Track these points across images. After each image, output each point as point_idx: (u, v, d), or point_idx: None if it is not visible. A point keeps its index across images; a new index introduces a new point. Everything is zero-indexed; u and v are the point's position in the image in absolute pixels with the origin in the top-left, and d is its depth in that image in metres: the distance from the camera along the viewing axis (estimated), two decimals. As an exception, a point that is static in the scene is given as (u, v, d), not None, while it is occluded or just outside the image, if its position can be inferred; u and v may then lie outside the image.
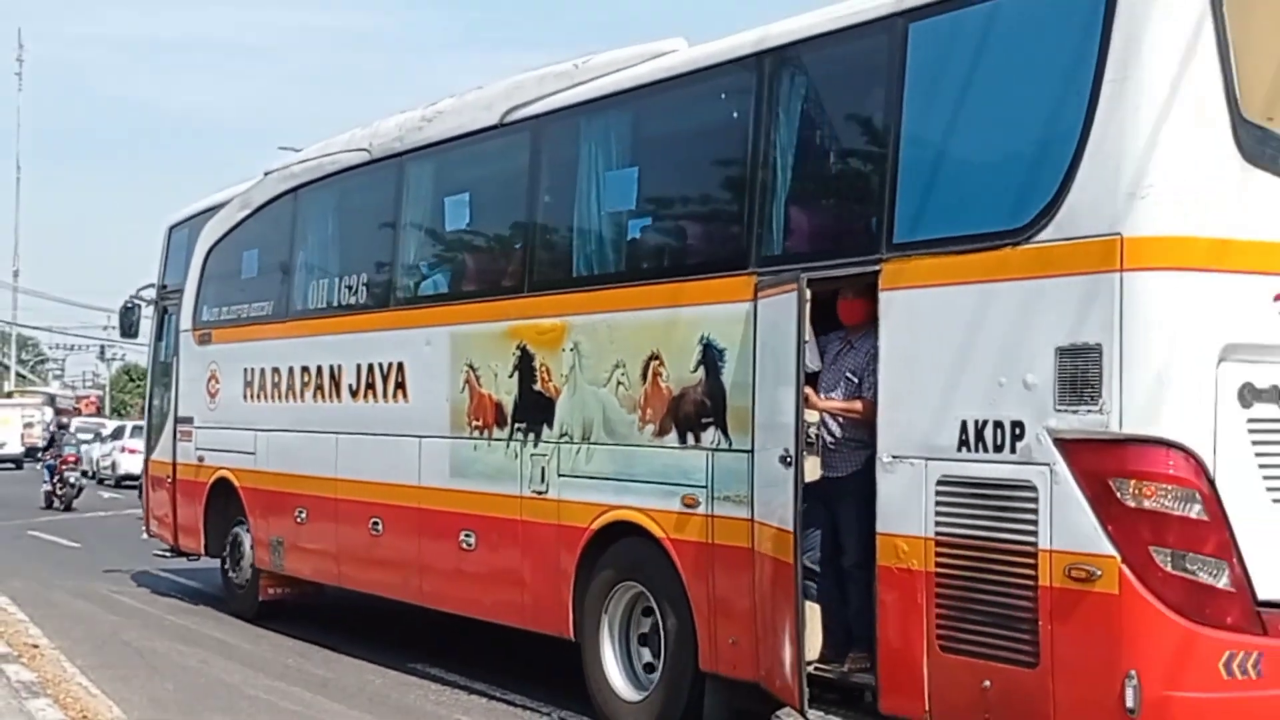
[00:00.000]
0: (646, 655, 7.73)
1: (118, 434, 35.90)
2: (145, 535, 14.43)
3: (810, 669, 6.52)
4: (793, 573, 6.40)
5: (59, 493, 24.97)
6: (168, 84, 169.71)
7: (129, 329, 15.32)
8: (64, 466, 24.97)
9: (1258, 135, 5.38)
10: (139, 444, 19.88)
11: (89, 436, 35.39)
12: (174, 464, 13.36)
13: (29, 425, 44.84)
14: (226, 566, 12.56)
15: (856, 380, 6.60)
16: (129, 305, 15.01)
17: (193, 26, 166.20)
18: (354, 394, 10.39)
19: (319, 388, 10.89)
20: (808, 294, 6.42)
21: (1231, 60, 5.33)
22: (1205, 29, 5.31)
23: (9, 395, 58.08)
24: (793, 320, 6.40)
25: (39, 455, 28.31)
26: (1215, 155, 5.30)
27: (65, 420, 31.87)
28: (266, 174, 12.16)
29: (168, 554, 13.80)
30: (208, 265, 12.89)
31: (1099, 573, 5.35)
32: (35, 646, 10.09)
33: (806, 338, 6.45)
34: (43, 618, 11.49)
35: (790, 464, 6.42)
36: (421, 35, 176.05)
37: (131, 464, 28.35)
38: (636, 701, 7.68)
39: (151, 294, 14.54)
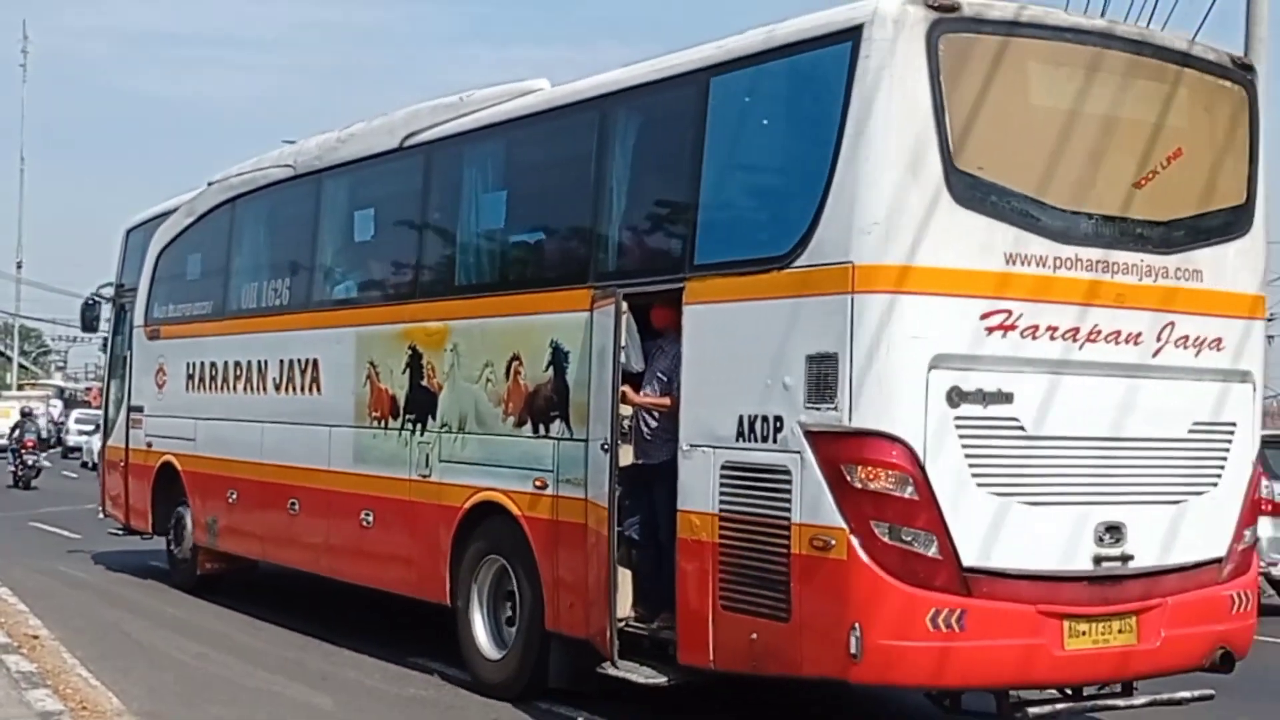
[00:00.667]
0: (504, 617, 8.82)
1: None
2: (101, 515, 15.55)
3: (624, 626, 7.64)
4: (608, 544, 7.53)
5: (19, 473, 28.23)
6: (173, 77, 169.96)
7: (90, 324, 16.45)
8: (24, 450, 28.35)
9: (968, 181, 6.49)
10: None
11: (90, 428, 36.25)
12: (126, 449, 14.46)
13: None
14: (171, 543, 13.67)
15: (666, 380, 7.71)
16: (90, 301, 16.14)
17: (198, 19, 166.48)
18: (277, 387, 11.51)
19: (248, 380, 12.00)
20: (624, 306, 7.55)
21: (947, 121, 6.44)
22: (925, 96, 6.41)
23: (20, 388, 59.23)
24: (609, 329, 7.53)
25: (9, 442, 30.55)
26: (929, 198, 6.40)
27: (29, 409, 34.42)
28: (209, 184, 13.26)
29: (120, 533, 14.89)
30: (158, 266, 13.99)
31: (833, 542, 6.47)
32: (35, 637, 10.06)
33: (624, 343, 7.56)
34: (43, 608, 11.44)
35: (608, 451, 7.55)
36: (426, 30, 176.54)
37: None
38: (498, 659, 8.79)
39: (110, 292, 15.63)
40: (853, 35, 6.53)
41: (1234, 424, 7.30)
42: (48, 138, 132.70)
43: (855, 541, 6.41)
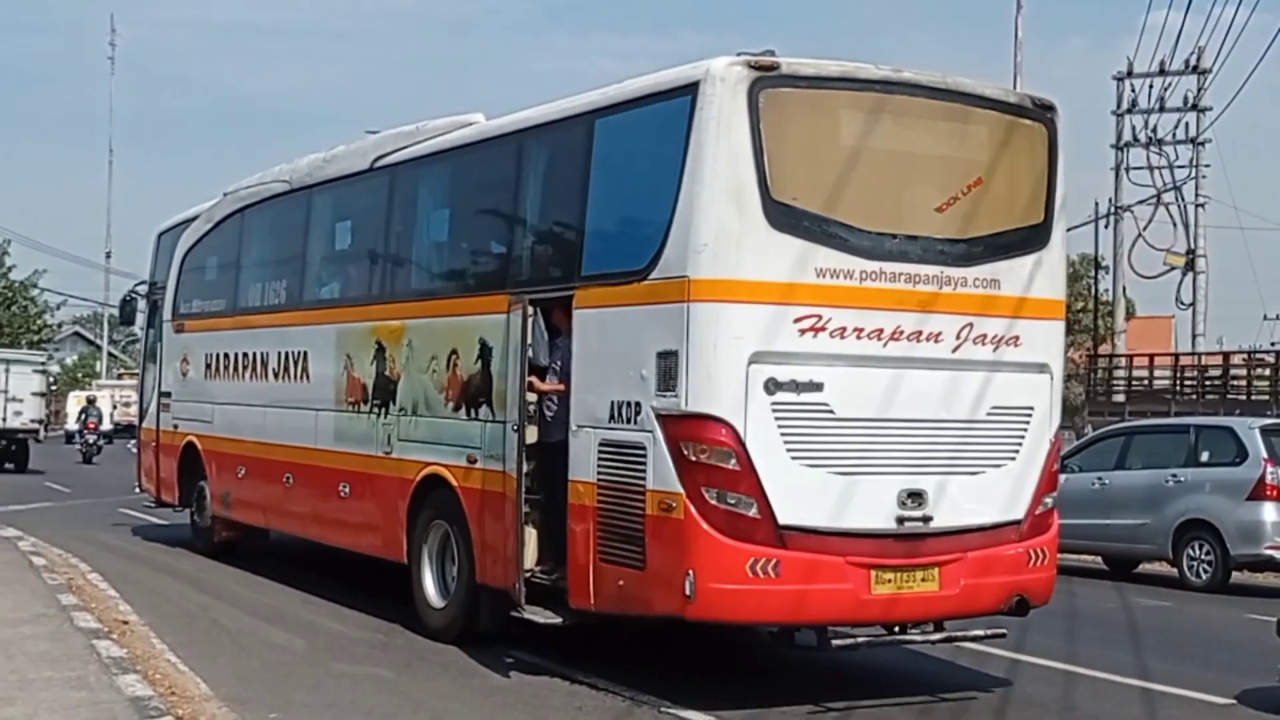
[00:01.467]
0: (450, 573, 10.40)
1: None
2: (137, 490, 17.38)
3: (530, 577, 9.18)
4: (516, 509, 9.08)
5: (84, 450, 35.39)
6: (254, 69, 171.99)
7: (128, 318, 18.31)
8: (88, 431, 35.95)
9: (783, 210, 7.93)
10: None
11: None
12: (157, 431, 16.27)
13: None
14: (194, 514, 15.43)
15: (562, 372, 9.23)
16: (127, 298, 17.98)
17: (280, 11, 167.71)
18: (276, 375, 13.18)
19: (254, 370, 13.70)
20: (531, 310, 9.09)
21: (765, 161, 7.88)
22: (746, 141, 7.85)
23: (119, 377, 62.34)
24: (518, 329, 9.08)
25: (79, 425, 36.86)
26: (749, 225, 7.85)
27: (94, 396, 40.40)
28: (225, 194, 14.97)
29: (153, 505, 16.70)
30: (183, 267, 15.74)
31: (674, 505, 7.96)
32: (125, 623, 10.26)
33: (530, 340, 9.11)
34: (132, 594, 11.73)
35: (517, 430, 9.10)
36: (506, 19, 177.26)
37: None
38: (441, 608, 10.38)
39: (144, 289, 17.44)
40: (691, 90, 8.00)
41: (1031, 408, 8.70)
42: (135, 129, 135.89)
43: (690, 504, 7.89)
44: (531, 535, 9.30)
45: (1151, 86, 26.96)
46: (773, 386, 7.92)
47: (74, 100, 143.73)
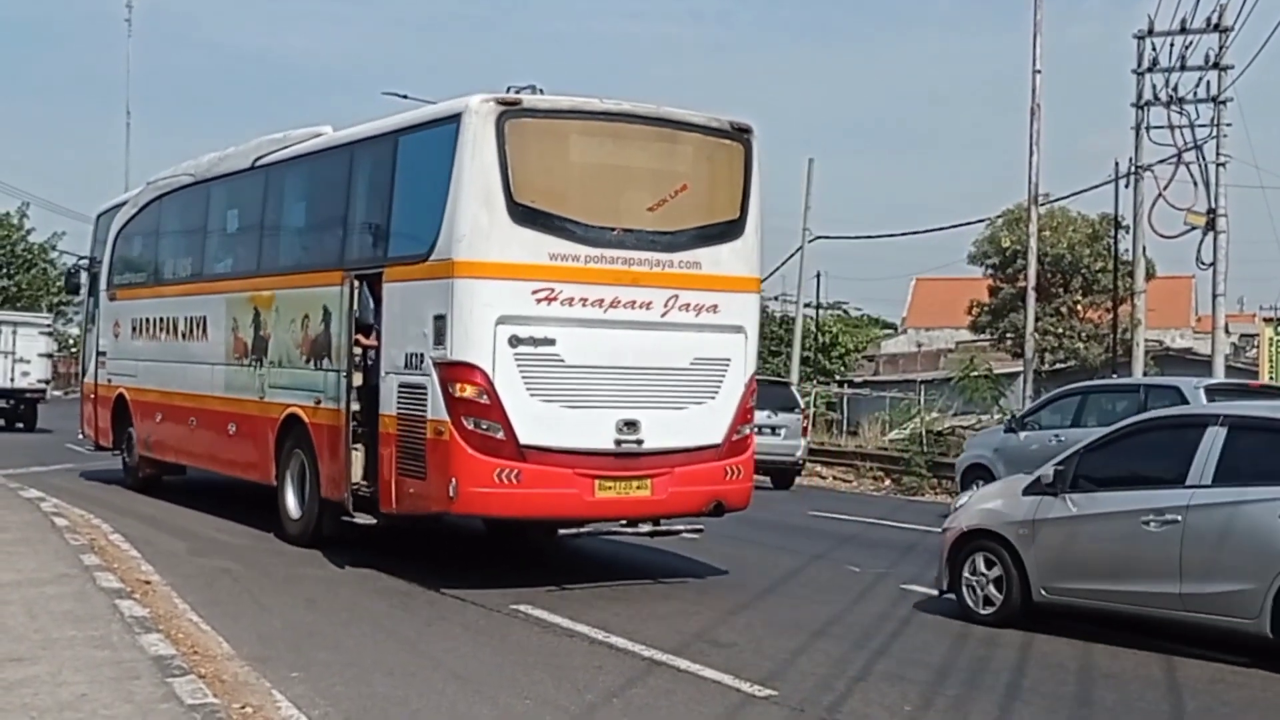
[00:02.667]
0: (304, 492, 13.11)
1: None
2: (80, 436, 20.08)
3: (356, 490, 11.90)
4: (344, 437, 11.81)
5: None
6: (271, 31, 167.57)
7: (73, 288, 20.98)
8: None
9: (524, 210, 10.59)
10: None
11: None
12: (95, 385, 18.94)
13: None
14: (124, 455, 18.12)
15: (378, 331, 11.95)
16: (72, 270, 20.67)
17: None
18: (184, 336, 15.86)
19: (168, 331, 16.37)
20: (356, 284, 11.81)
21: (509, 173, 10.55)
22: (494, 158, 10.50)
23: None
24: (348, 298, 11.79)
25: None
26: (497, 220, 10.52)
27: None
28: (148, 183, 17.62)
29: (91, 449, 19.40)
30: (115, 244, 18.38)
31: (444, 430, 10.67)
32: (147, 583, 10.33)
33: (356, 307, 11.81)
34: (153, 554, 11.83)
35: (346, 377, 11.83)
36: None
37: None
38: (298, 518, 13.09)
39: (86, 263, 20.11)
40: (456, 119, 10.68)
41: (729, 359, 11.42)
42: (152, 92, 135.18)
43: (454, 429, 10.60)
44: (358, 458, 12.01)
45: (1172, 44, 25.93)
46: (515, 341, 10.62)
47: (91, 62, 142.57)
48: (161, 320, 16.60)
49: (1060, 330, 39.48)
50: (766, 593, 11.16)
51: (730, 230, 11.51)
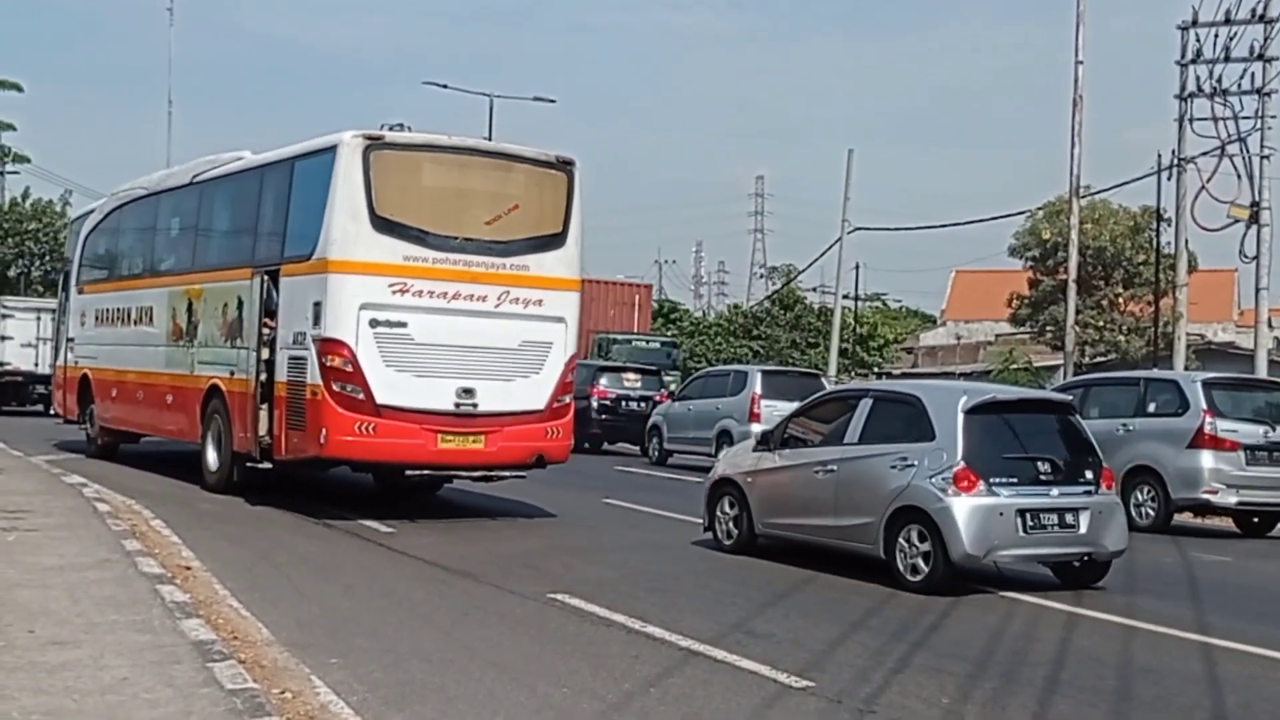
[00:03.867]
0: (221, 449, 16.12)
1: None
2: (53, 411, 23.10)
3: (259, 441, 14.92)
4: (254, 401, 14.84)
5: None
6: (309, 22, 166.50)
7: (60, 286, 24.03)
8: None
9: (383, 221, 13.64)
10: None
11: None
12: (64, 367, 21.98)
13: None
14: (86, 427, 21.13)
15: (278, 315, 14.99)
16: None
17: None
18: (135, 323, 18.90)
19: (123, 319, 19.40)
20: (263, 278, 14.87)
21: (372, 193, 13.59)
22: (360, 181, 13.56)
23: None
24: (258, 290, 14.85)
25: None
26: (361, 229, 13.56)
27: None
28: (112, 194, 20.70)
29: (61, 421, 22.42)
30: (84, 246, 21.44)
31: (318, 392, 13.70)
32: (188, 568, 10.41)
33: (263, 297, 14.85)
34: (194, 540, 11.93)
35: (254, 352, 14.89)
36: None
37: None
38: (215, 470, 16.08)
39: (61, 264, 23.17)
40: (333, 150, 13.74)
41: (551, 342, 14.43)
42: (193, 81, 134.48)
43: (326, 391, 13.62)
44: (262, 417, 15.00)
45: (1217, 36, 25.20)
46: (374, 323, 13.65)
47: (134, 52, 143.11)
48: (118, 310, 19.63)
49: (1101, 323, 39.24)
50: (805, 584, 11.02)
51: (554, 241, 14.57)
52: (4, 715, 5.96)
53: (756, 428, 20.36)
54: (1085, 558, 11.23)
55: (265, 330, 15.06)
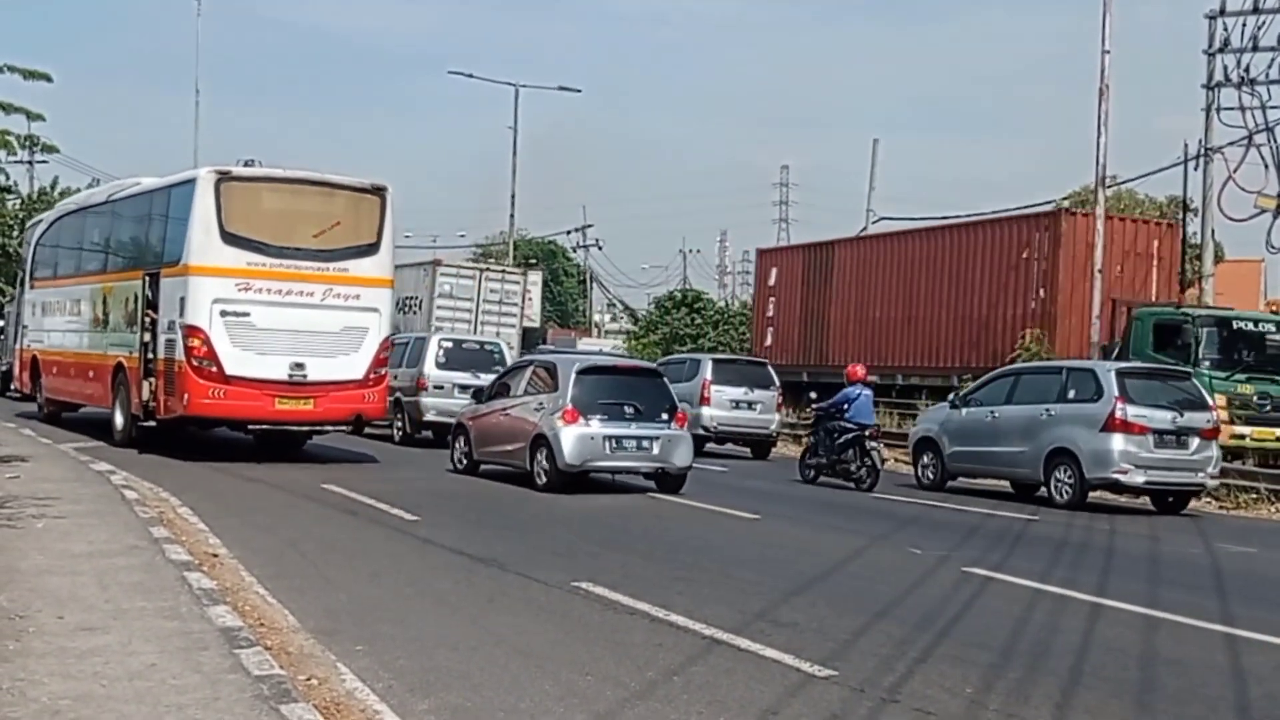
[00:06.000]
0: (124, 413, 20.44)
1: None
2: (13, 387, 27.56)
3: (146, 406, 19.27)
4: (140, 373, 19.22)
5: None
6: (339, 10, 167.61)
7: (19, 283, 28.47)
8: None
9: (230, 235, 17.94)
10: None
11: None
12: (19, 350, 26.44)
13: None
14: (37, 399, 25.53)
15: (160, 307, 19.33)
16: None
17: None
18: (69, 314, 23.28)
19: (60, 310, 23.78)
20: (147, 279, 19.24)
21: (222, 214, 17.88)
22: (212, 205, 17.85)
23: None
24: (145, 287, 19.22)
25: None
26: (213, 242, 17.86)
27: None
28: (59, 206, 25.10)
29: (17, 396, 26.85)
30: (35, 250, 25.86)
31: (182, 367, 18.01)
32: (215, 555, 10.45)
33: (149, 293, 19.20)
34: (221, 528, 11.99)
35: (139, 334, 19.26)
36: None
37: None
38: (121, 428, 20.42)
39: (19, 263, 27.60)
40: (194, 181, 18.08)
41: (368, 328, 18.74)
42: (223, 71, 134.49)
43: (188, 365, 17.94)
44: (145, 387, 19.36)
45: (1244, 25, 24.89)
46: (224, 313, 17.96)
47: (162, 42, 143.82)
48: (57, 303, 24.02)
49: None
50: (829, 573, 11.07)
51: (369, 250, 18.87)
52: (33, 700, 6.00)
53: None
54: (659, 471, 16.51)
55: (147, 319, 19.36)
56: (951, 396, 20.62)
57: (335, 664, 7.22)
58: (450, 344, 24.36)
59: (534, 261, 69.39)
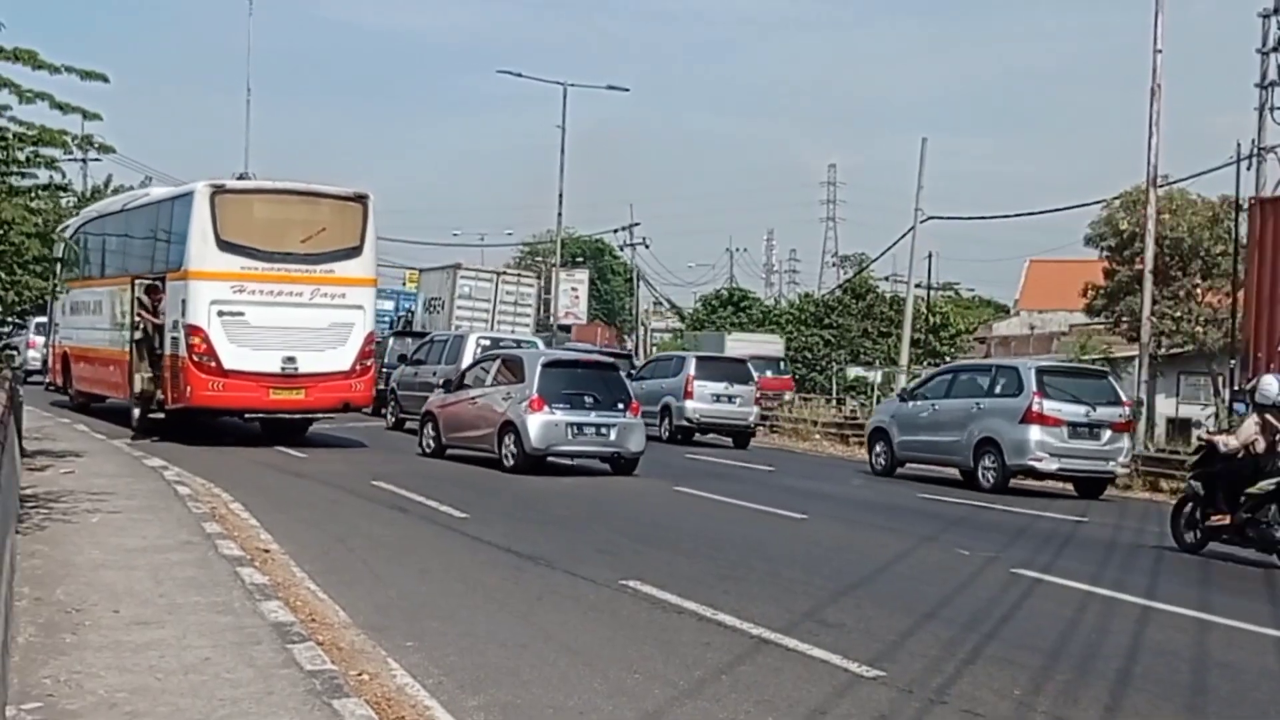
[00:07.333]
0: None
1: None
2: (46, 379, 29.75)
3: (158, 397, 21.26)
4: (129, 365, 21.21)
5: None
6: (388, 11, 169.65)
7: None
8: None
9: (226, 242, 19.81)
10: None
11: None
12: (52, 346, 28.59)
13: None
14: (69, 390, 27.63)
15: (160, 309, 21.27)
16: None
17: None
18: (93, 312, 25.32)
19: (87, 310, 25.81)
20: (140, 284, 21.22)
21: (218, 223, 19.78)
22: (208, 215, 19.75)
23: None
24: (132, 290, 21.20)
25: None
26: (209, 249, 19.75)
27: None
28: (82, 214, 27.18)
29: (51, 389, 29.02)
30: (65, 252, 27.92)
31: (184, 363, 19.96)
32: (266, 551, 10.44)
33: (141, 295, 21.16)
34: (272, 523, 11.95)
35: (129, 332, 21.25)
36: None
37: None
38: (138, 419, 22.46)
39: (50, 264, 29.75)
40: (192, 193, 19.99)
41: (353, 324, 20.59)
42: (273, 71, 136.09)
43: (190, 361, 19.87)
44: (139, 379, 21.29)
45: None
46: (221, 314, 19.86)
47: (215, 41, 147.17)
48: (83, 303, 26.06)
49: (1178, 314, 38.59)
50: (876, 574, 11.05)
51: (353, 252, 20.72)
52: (90, 693, 6.04)
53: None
54: (615, 455, 18.14)
55: (138, 319, 21.30)
56: (900, 390, 22.58)
57: (386, 660, 7.26)
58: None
59: (581, 260, 71.48)
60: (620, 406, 18.42)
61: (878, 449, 21.84)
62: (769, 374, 40.66)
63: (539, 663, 7.41)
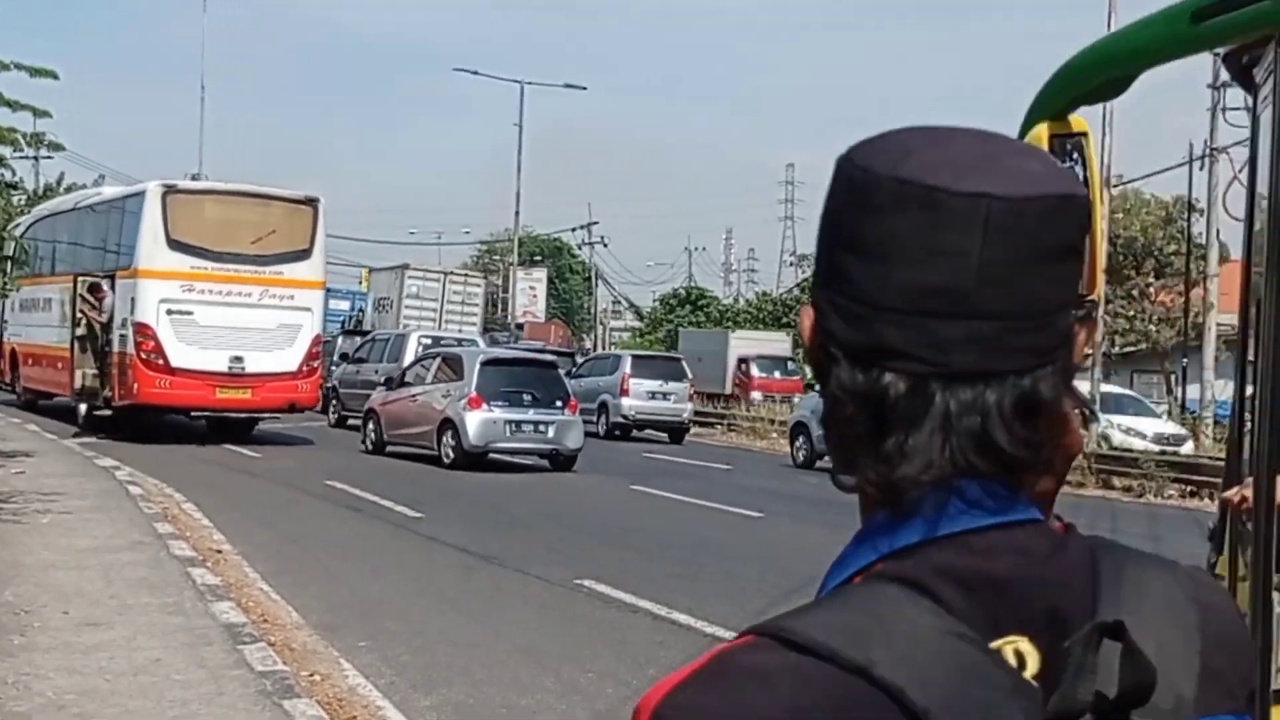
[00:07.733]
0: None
1: None
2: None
3: (104, 394, 21.44)
4: (70, 361, 21.39)
5: None
6: (365, 9, 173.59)
7: None
8: None
9: (176, 242, 20.07)
10: None
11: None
12: (1, 343, 28.64)
13: None
14: (15, 388, 27.68)
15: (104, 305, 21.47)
16: None
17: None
18: (43, 309, 25.43)
19: (35, 307, 25.92)
20: (83, 282, 21.41)
21: (168, 222, 20.04)
22: (159, 216, 20.04)
23: None
24: (74, 288, 21.39)
25: None
26: (159, 248, 19.96)
27: None
28: (34, 211, 27.25)
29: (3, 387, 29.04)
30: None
31: (132, 360, 20.19)
32: (219, 551, 10.36)
33: (85, 292, 21.35)
34: (225, 523, 11.91)
35: (78, 326, 21.43)
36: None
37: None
38: (83, 417, 22.62)
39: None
40: (143, 193, 20.22)
41: (301, 325, 20.85)
42: (226, 66, 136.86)
43: (138, 358, 20.07)
44: (80, 376, 21.47)
45: None
46: (170, 312, 20.08)
47: (168, 37, 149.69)
48: (33, 300, 26.15)
49: (1131, 313, 38.81)
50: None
51: (303, 255, 21.00)
52: (38, 695, 5.96)
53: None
54: (554, 452, 18.57)
55: (80, 315, 21.48)
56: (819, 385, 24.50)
57: (338, 660, 7.24)
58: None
59: (539, 259, 71.59)
60: (558, 404, 18.83)
61: (799, 443, 22.75)
62: (776, 374, 39.48)
63: (491, 662, 7.42)
